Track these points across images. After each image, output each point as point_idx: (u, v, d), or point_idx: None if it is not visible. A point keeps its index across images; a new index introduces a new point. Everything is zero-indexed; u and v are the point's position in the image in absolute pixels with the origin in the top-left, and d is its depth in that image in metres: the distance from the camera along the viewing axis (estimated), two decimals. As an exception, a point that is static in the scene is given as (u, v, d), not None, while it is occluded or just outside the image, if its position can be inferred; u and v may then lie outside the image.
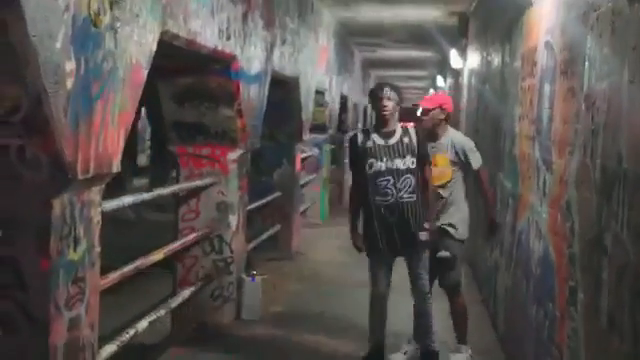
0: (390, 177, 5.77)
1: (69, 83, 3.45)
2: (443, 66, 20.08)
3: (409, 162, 5.80)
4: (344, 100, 17.15)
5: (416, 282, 5.90)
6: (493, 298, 7.55)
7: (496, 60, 8.52)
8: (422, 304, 5.96)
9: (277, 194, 10.46)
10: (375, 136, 5.89)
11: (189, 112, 6.86)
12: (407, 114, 7.42)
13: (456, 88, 16.16)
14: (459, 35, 13.35)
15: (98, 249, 4.07)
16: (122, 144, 4.16)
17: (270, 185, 10.58)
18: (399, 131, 5.90)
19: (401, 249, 5.85)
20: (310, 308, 7.91)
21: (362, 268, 6.18)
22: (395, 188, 5.76)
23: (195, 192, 6.98)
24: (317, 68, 12.11)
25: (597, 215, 3.65)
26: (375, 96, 5.91)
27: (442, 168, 6.20)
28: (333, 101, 14.82)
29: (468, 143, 6.36)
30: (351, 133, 6.21)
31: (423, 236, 5.80)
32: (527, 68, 6.18)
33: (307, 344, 6.68)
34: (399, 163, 5.78)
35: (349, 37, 16.64)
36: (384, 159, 5.79)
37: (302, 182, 12.06)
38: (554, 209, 4.75)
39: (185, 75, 6.66)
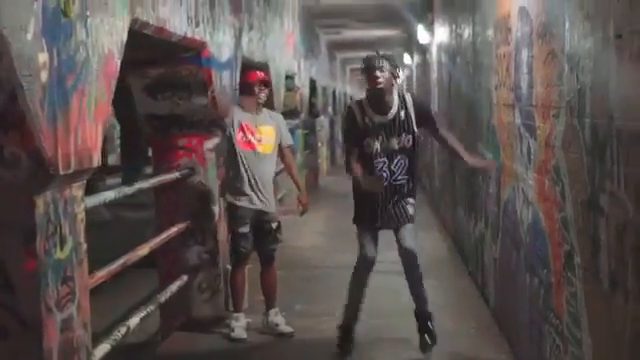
0: (385, 159, 5.59)
1: (44, 76, 3.34)
2: (409, 43, 20.05)
3: (404, 141, 5.59)
4: (313, 84, 17.06)
5: (405, 247, 5.72)
6: (481, 271, 7.53)
7: (466, 31, 8.47)
8: (411, 266, 5.79)
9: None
10: (370, 111, 5.61)
11: (162, 104, 6.74)
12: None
13: (424, 64, 16.12)
14: (425, 9, 13.29)
15: (84, 246, 3.97)
16: (100, 137, 4.05)
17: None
18: (396, 104, 5.62)
19: (389, 222, 5.73)
20: (297, 294, 7.84)
21: (343, 252, 6.12)
22: (389, 170, 5.60)
23: (174, 184, 6.86)
24: (285, 52, 12.01)
25: (589, 176, 3.61)
26: (365, 68, 5.56)
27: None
28: (303, 85, 14.72)
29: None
30: (349, 104, 6.01)
31: (411, 209, 5.75)
32: (501, 36, 6.14)
33: (297, 330, 6.60)
34: (394, 143, 5.58)
35: (313, 20, 16.55)
36: (379, 138, 5.56)
37: (277, 170, 11.94)
38: (541, 175, 4.72)
39: (155, 66, 6.54)
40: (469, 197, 8.38)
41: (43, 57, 3.34)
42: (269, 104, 10.34)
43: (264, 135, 6.57)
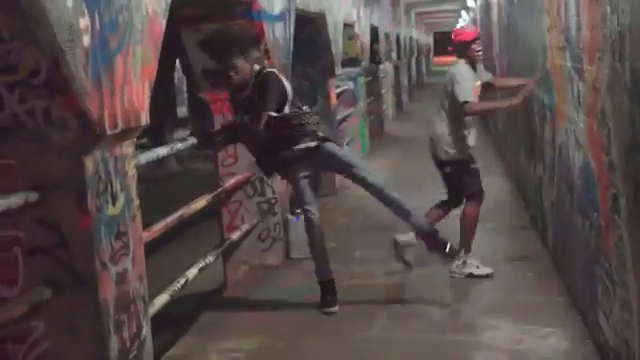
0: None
1: (86, 40, 3.44)
2: (473, -15, 19.75)
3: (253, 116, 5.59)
4: (375, 31, 16.95)
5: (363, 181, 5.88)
6: (540, 214, 7.50)
7: (522, -28, 8.35)
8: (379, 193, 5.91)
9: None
10: (232, 89, 5.84)
11: (217, 58, 6.82)
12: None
13: (486, 6, 15.89)
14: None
15: (137, 202, 4.10)
16: (148, 96, 4.15)
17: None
18: (251, 83, 5.70)
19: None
20: (357, 241, 7.93)
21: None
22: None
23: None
24: (343, 1, 11.95)
25: (631, 119, 3.59)
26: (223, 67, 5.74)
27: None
28: (364, 33, 14.65)
29: None
30: None
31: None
32: (552, -23, 6.05)
33: (355, 276, 6.71)
34: (247, 118, 5.63)
35: (374, -35, 16.40)
36: (238, 113, 5.76)
37: (340, 117, 12.00)
38: (590, 117, 4.68)
39: (208, 22, 6.62)
40: (529, 141, 8.33)
41: (84, 22, 3.43)
42: (324, 53, 10.42)
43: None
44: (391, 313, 5.85)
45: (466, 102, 6.37)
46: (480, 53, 6.70)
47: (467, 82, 6.45)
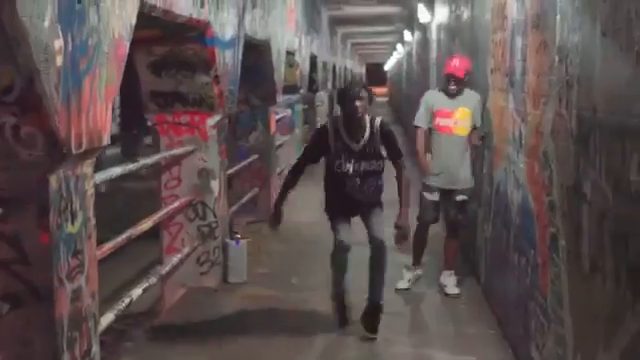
0: (357, 178, 5.87)
1: (59, 60, 3.52)
2: (410, 21, 20.15)
3: (375, 165, 5.87)
4: (314, 59, 17.20)
5: (372, 232, 5.97)
6: (473, 249, 7.73)
7: (465, 14, 8.62)
8: (378, 254, 5.97)
9: (254, 157, 10.54)
10: (345, 136, 5.85)
11: (166, 81, 6.92)
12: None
13: (424, 42, 16.25)
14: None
15: (93, 221, 4.17)
16: (110, 117, 4.24)
17: (246, 149, 10.67)
18: (368, 131, 5.86)
19: (358, 211, 6.06)
20: (294, 268, 8.05)
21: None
22: (359, 185, 5.89)
23: (176, 160, 7.06)
24: (286, 29, 12.14)
25: (574, 163, 3.81)
26: (347, 96, 5.81)
27: (465, 121, 6.97)
28: (303, 61, 14.86)
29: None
30: (325, 124, 6.29)
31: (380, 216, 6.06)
32: (497, 22, 6.30)
33: (293, 303, 6.83)
34: (366, 165, 5.85)
35: (315, -5, 16.68)
36: (352, 161, 5.83)
37: (277, 144, 12.13)
38: (531, 159, 4.91)
39: (161, 44, 6.71)
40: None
41: (59, 43, 3.52)
42: (266, 80, 10.57)
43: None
44: (328, 341, 5.97)
45: (415, 126, 7.09)
46: (452, 88, 7.01)
47: (422, 107, 7.06)
